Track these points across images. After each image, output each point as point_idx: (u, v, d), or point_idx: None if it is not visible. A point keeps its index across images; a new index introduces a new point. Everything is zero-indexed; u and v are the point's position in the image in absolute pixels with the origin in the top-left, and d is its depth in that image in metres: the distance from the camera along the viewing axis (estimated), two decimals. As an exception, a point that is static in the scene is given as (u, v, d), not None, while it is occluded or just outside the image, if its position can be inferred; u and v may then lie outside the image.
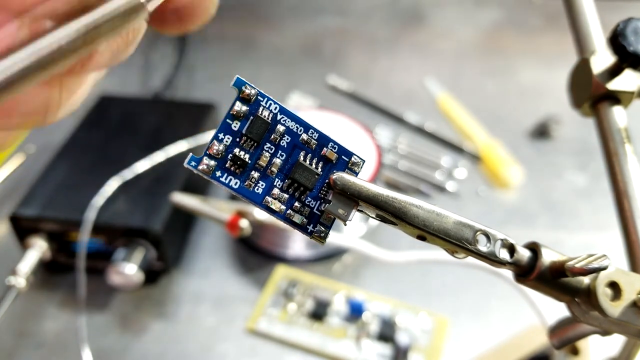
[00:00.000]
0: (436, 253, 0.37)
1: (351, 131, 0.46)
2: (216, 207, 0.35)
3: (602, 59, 0.24)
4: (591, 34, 0.25)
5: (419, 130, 0.57)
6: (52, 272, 0.42)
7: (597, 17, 0.26)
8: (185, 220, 0.45)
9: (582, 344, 0.33)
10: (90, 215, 0.39)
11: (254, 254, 0.44)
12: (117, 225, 0.39)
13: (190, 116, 0.51)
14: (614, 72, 0.23)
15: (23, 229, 0.40)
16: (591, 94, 0.24)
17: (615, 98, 0.24)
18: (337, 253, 0.44)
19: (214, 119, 0.51)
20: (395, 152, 0.54)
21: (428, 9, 0.77)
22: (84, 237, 0.39)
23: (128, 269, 0.38)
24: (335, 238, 0.38)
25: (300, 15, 0.76)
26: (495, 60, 0.68)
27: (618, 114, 0.24)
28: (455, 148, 0.55)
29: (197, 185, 0.46)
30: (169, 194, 0.37)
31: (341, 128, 0.46)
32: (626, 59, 0.22)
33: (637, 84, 0.24)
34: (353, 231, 0.45)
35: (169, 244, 0.41)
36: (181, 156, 0.44)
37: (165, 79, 0.62)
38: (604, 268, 0.17)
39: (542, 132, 0.56)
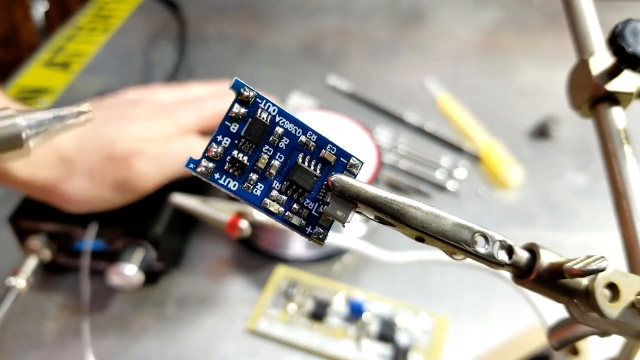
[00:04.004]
0: (436, 253, 0.37)
1: (351, 131, 0.46)
2: (216, 208, 0.35)
3: (601, 60, 0.24)
4: (590, 35, 0.25)
5: (419, 130, 0.57)
6: (52, 272, 0.42)
7: (596, 18, 0.26)
8: (185, 221, 0.45)
9: (582, 344, 0.33)
10: (91, 215, 0.39)
11: (254, 254, 0.44)
12: (117, 225, 0.39)
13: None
14: (612, 73, 0.23)
15: (23, 230, 0.40)
16: (590, 95, 0.24)
17: (614, 99, 0.24)
18: (337, 253, 0.44)
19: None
20: (395, 152, 0.54)
21: (428, 9, 0.77)
22: (89, 238, 0.39)
23: (128, 270, 0.38)
24: (335, 239, 0.38)
25: (300, 15, 0.76)
26: (495, 60, 0.68)
27: (617, 115, 0.24)
28: (455, 148, 0.55)
29: (197, 186, 0.46)
30: (169, 194, 0.37)
31: (341, 128, 0.46)
32: (625, 60, 0.22)
33: (636, 85, 0.24)
34: (353, 232, 0.45)
35: (168, 244, 0.41)
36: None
37: (165, 79, 0.62)
38: (602, 269, 0.17)
39: (542, 132, 0.56)
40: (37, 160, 0.36)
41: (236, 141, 0.16)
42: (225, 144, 0.16)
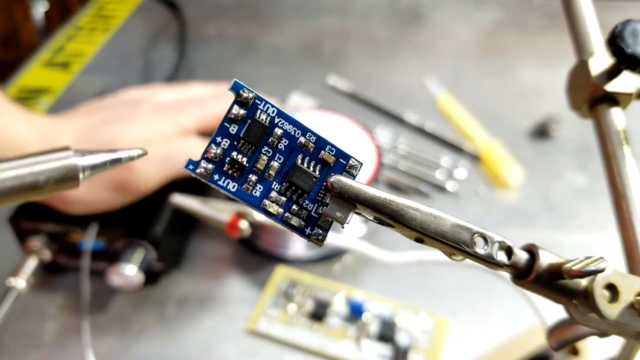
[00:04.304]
0: (436, 254, 0.37)
1: (351, 131, 0.46)
2: (216, 208, 0.35)
3: (600, 60, 0.24)
4: (590, 36, 0.25)
5: (419, 130, 0.57)
6: (52, 273, 0.42)
7: (595, 18, 0.26)
8: (185, 221, 0.45)
9: (582, 344, 0.33)
10: (91, 215, 0.39)
11: (254, 254, 0.44)
12: (117, 225, 0.39)
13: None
14: (612, 73, 0.23)
15: (23, 230, 0.40)
16: (589, 96, 0.24)
17: (613, 100, 0.24)
18: (337, 253, 0.44)
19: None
20: (395, 152, 0.54)
21: (428, 9, 0.77)
22: (89, 238, 0.39)
23: (128, 270, 0.38)
24: (334, 239, 0.38)
25: (300, 15, 0.76)
26: (495, 60, 0.68)
27: (616, 116, 0.24)
28: (455, 148, 0.55)
29: (196, 187, 0.46)
30: (169, 195, 0.38)
31: (341, 128, 0.46)
32: (624, 60, 0.22)
33: (635, 86, 0.24)
34: (353, 232, 0.45)
35: (168, 244, 0.41)
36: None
37: (165, 79, 0.62)
38: (601, 270, 0.17)
39: (542, 132, 0.56)
40: None
41: (235, 142, 0.16)
42: (224, 145, 0.16)
